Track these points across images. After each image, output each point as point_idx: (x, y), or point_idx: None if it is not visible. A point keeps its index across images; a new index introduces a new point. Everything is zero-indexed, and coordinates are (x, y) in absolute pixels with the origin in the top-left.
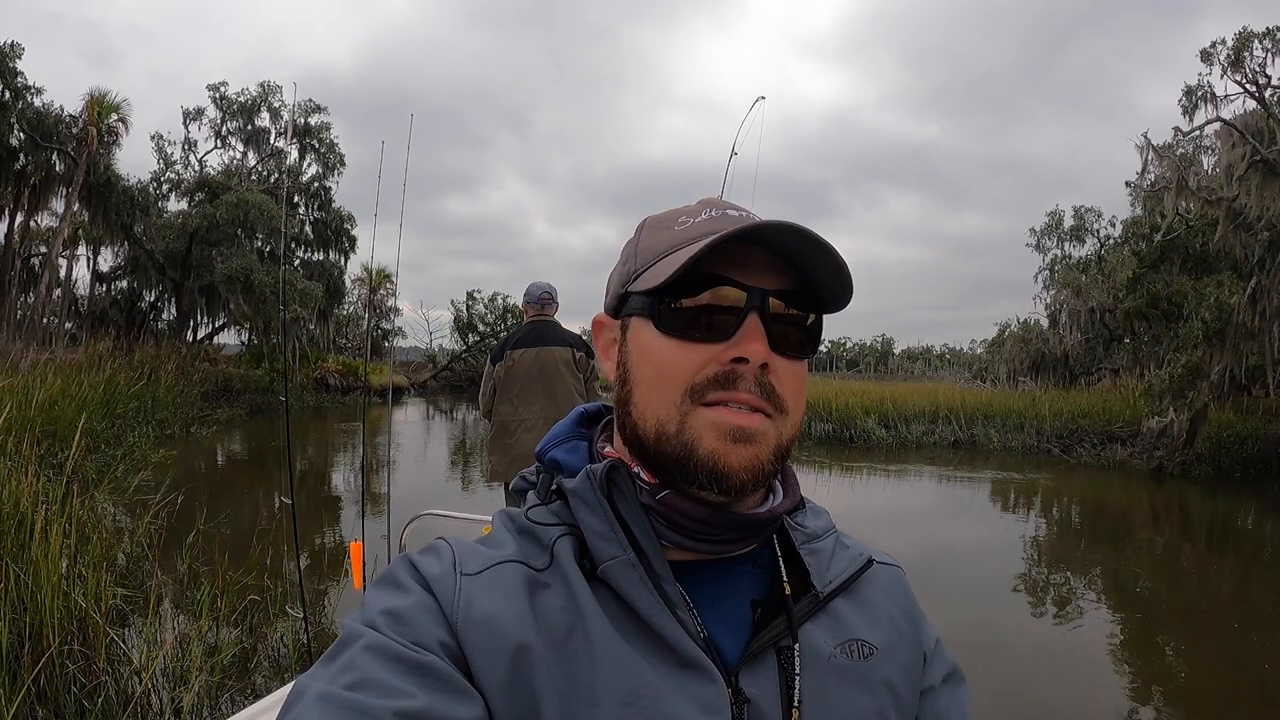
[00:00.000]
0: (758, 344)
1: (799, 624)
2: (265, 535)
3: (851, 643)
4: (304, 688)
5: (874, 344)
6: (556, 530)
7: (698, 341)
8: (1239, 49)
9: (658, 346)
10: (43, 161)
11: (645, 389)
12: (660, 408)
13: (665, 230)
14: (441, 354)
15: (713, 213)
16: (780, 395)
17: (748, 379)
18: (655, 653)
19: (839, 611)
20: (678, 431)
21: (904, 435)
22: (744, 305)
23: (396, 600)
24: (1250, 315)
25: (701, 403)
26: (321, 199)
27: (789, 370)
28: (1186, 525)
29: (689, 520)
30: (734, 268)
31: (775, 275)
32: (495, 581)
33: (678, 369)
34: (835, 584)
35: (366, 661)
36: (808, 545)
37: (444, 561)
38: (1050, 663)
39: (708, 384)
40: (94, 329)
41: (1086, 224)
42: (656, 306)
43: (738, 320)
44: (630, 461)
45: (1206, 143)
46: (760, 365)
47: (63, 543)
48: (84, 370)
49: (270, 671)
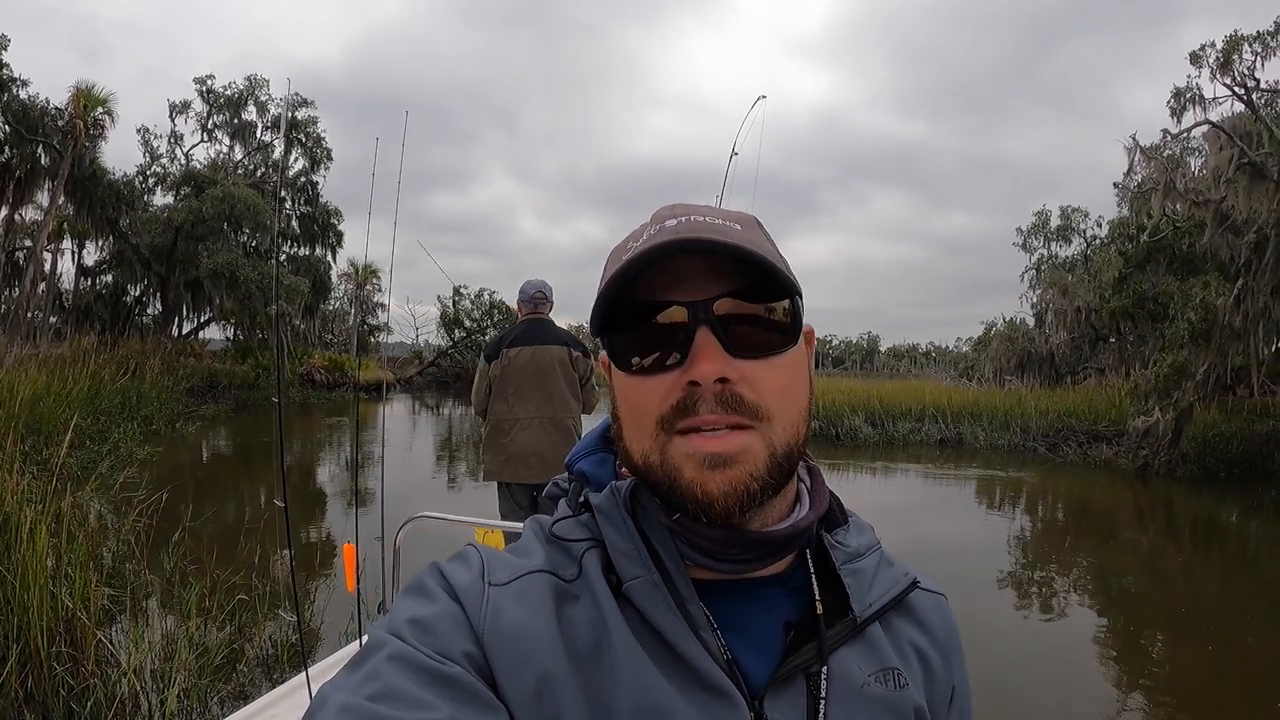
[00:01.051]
0: (706, 362)
1: (832, 649)
2: (253, 534)
3: (888, 671)
4: (327, 696)
5: (860, 341)
6: (585, 543)
7: (657, 372)
8: (1228, 52)
9: (625, 383)
10: (28, 154)
11: (628, 425)
12: (642, 441)
13: (617, 260)
14: (428, 350)
15: (653, 229)
16: (755, 402)
17: (707, 399)
18: (678, 674)
19: (875, 637)
20: (660, 463)
21: (891, 433)
22: (689, 322)
23: (423, 609)
24: (1236, 316)
25: (674, 432)
26: (309, 194)
27: (763, 371)
28: (1171, 524)
29: (706, 541)
30: (677, 282)
31: (723, 276)
32: (524, 592)
33: (645, 404)
34: (875, 608)
35: (390, 671)
36: (849, 565)
37: (472, 570)
38: (1032, 661)
39: (672, 413)
40: (79, 324)
41: (1073, 224)
42: (610, 344)
43: (689, 338)
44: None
45: (1194, 145)
46: (716, 381)
47: (49, 542)
48: (68, 366)
49: (260, 672)
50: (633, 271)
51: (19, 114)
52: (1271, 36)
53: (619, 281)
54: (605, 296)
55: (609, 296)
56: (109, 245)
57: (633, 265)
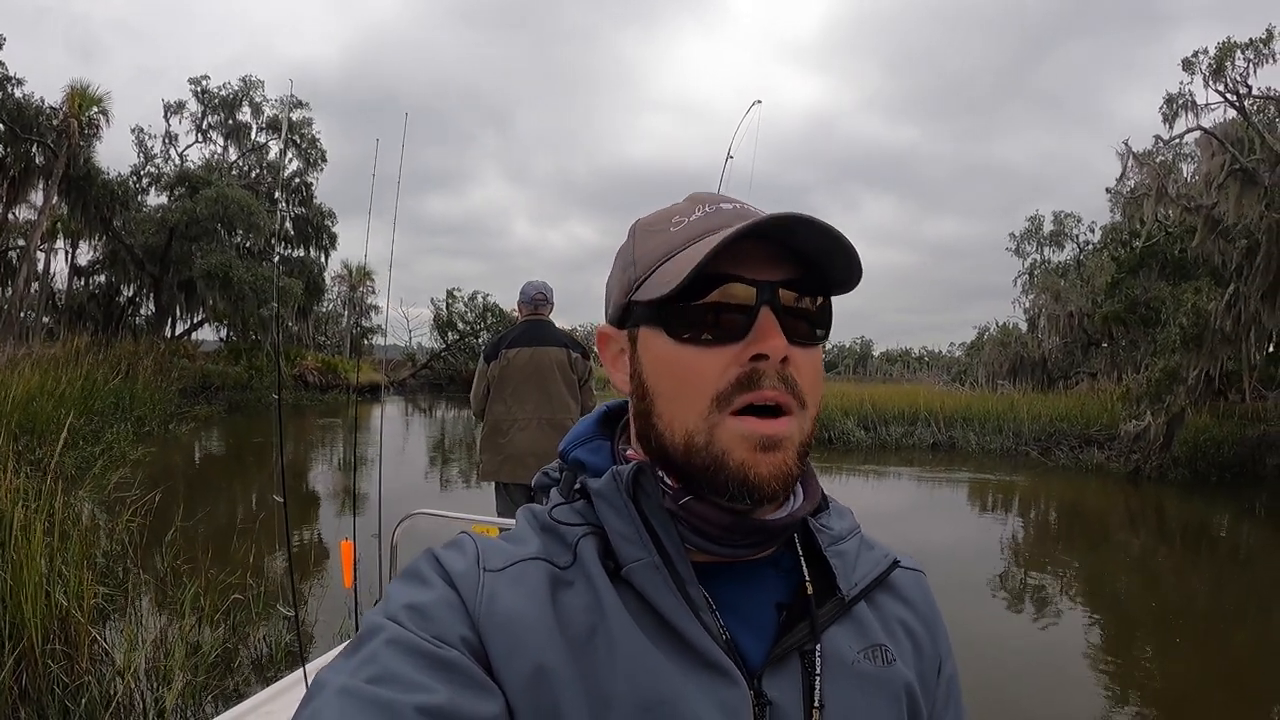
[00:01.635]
0: (775, 339)
1: (823, 627)
2: (246, 534)
3: (875, 648)
4: (325, 680)
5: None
6: (580, 529)
7: (714, 345)
8: (1221, 59)
9: (675, 356)
10: (22, 153)
11: (668, 401)
12: (688, 419)
13: (660, 234)
14: (421, 352)
15: (706, 209)
16: (802, 389)
17: (770, 375)
18: (678, 655)
19: (862, 616)
20: (707, 444)
21: (883, 437)
22: (755, 301)
23: (419, 595)
24: (1227, 321)
25: (730, 411)
26: (302, 195)
27: (806, 359)
28: (1163, 528)
29: (712, 526)
30: (738, 263)
31: (780, 265)
32: (519, 578)
33: (700, 377)
34: (860, 587)
35: (388, 655)
36: (833, 547)
37: (468, 556)
38: (1023, 664)
39: (732, 387)
40: (72, 324)
41: (1066, 229)
42: (667, 314)
43: (750, 318)
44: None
45: (1186, 150)
46: (781, 360)
47: (44, 541)
48: (61, 366)
49: (254, 671)
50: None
51: (14, 112)
52: (1264, 44)
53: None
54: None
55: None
56: (103, 245)
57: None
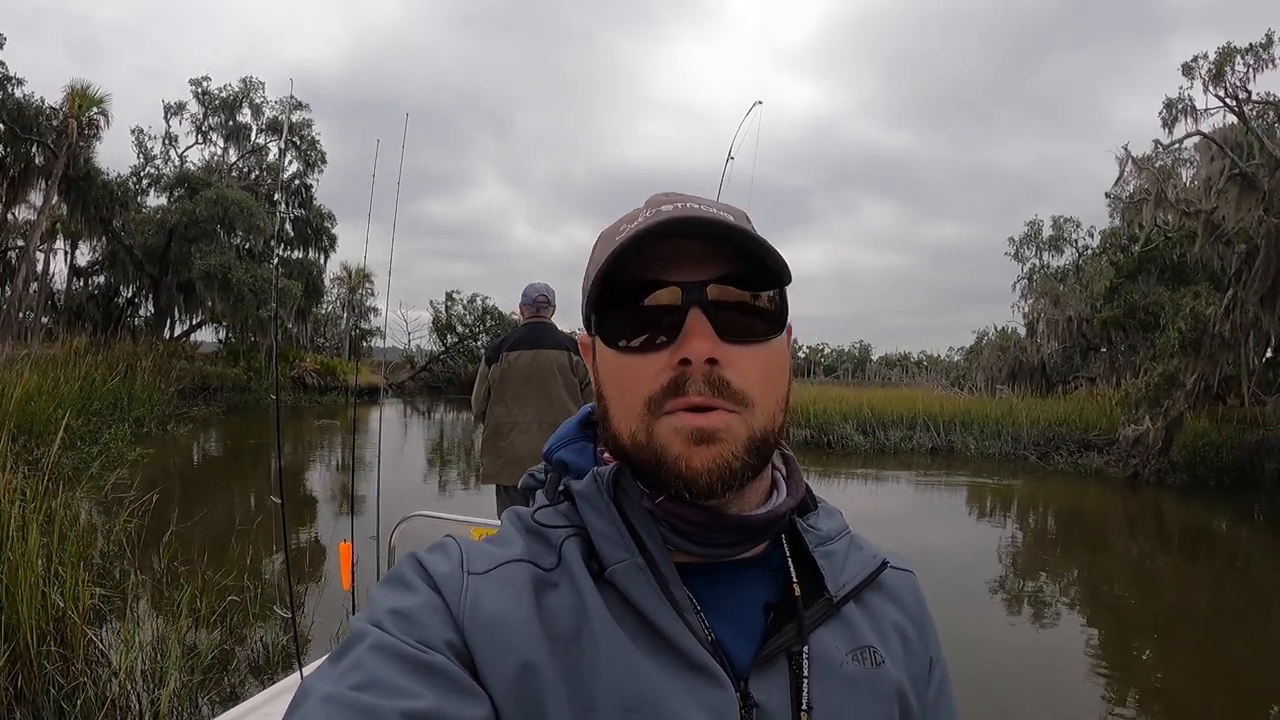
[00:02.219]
0: (698, 341)
1: (811, 629)
2: (243, 536)
3: (863, 649)
4: (310, 688)
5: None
6: (565, 531)
7: (648, 351)
8: (1221, 64)
9: (614, 362)
10: (22, 153)
11: (614, 404)
12: (630, 421)
13: (609, 241)
14: (419, 355)
15: (649, 213)
16: (738, 388)
17: (696, 379)
18: (662, 656)
19: (851, 617)
20: (647, 441)
21: (882, 441)
22: (682, 302)
23: (403, 599)
24: (1226, 326)
25: (662, 413)
26: (302, 196)
27: (748, 357)
28: (1161, 532)
29: (688, 524)
30: (669, 265)
31: (715, 262)
32: (503, 580)
33: (634, 383)
34: (849, 588)
35: (373, 661)
36: (821, 548)
37: (451, 560)
38: (1021, 667)
39: (662, 393)
40: (70, 324)
41: (1065, 234)
42: (602, 322)
43: (680, 319)
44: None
45: (1186, 155)
46: (706, 362)
47: (40, 541)
48: (60, 366)
49: (249, 672)
50: (630, 249)
51: (14, 112)
52: (1264, 49)
53: (617, 257)
54: (601, 272)
55: (604, 271)
56: (102, 246)
57: (633, 240)
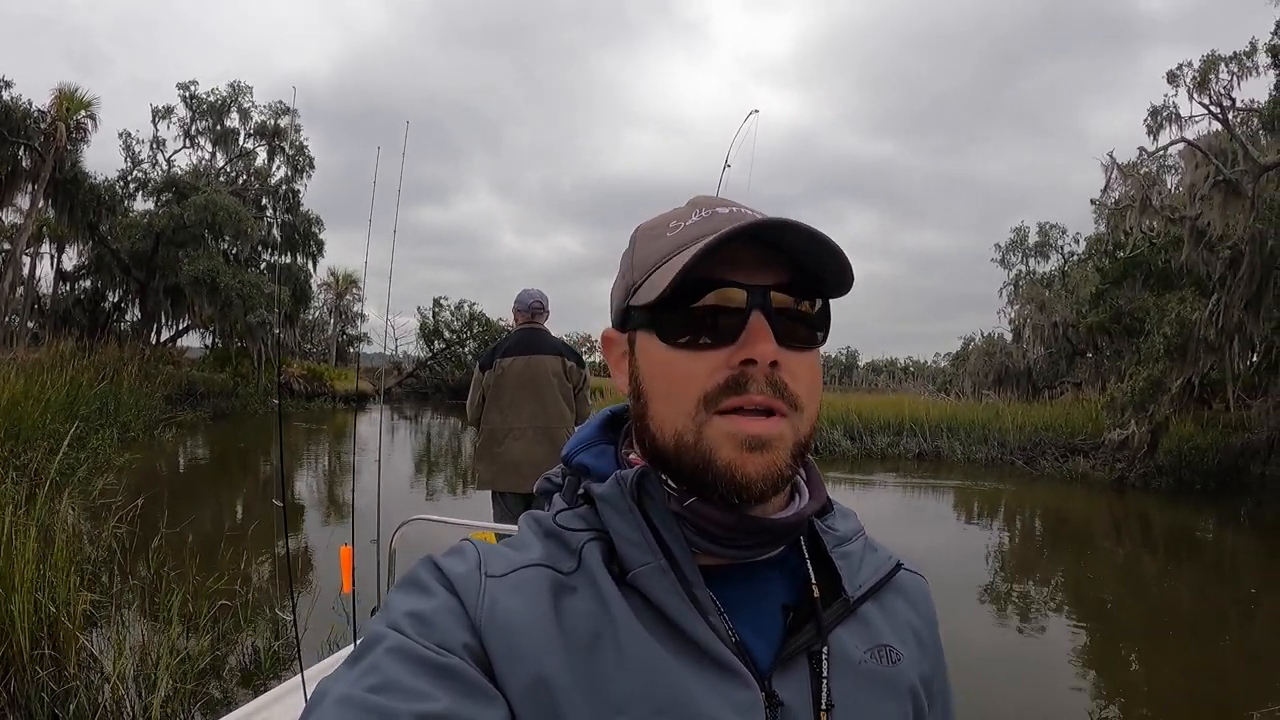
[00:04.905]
0: (765, 343)
1: (829, 628)
2: (233, 541)
3: (880, 648)
4: (326, 690)
5: (839, 356)
6: (585, 535)
7: (704, 349)
8: (1205, 72)
9: (666, 359)
10: (9, 156)
11: (660, 402)
12: (677, 420)
13: (657, 238)
14: (407, 360)
15: (703, 213)
16: (793, 392)
17: (758, 380)
18: (688, 658)
19: (868, 616)
20: (695, 442)
21: (869, 446)
22: (746, 305)
23: (420, 602)
24: (1211, 330)
25: (716, 411)
26: (290, 201)
27: (800, 363)
28: (1147, 535)
29: (716, 527)
30: (731, 267)
31: (774, 269)
32: (520, 584)
33: (689, 379)
34: (865, 588)
35: (389, 664)
36: (839, 549)
37: (468, 563)
38: (1009, 671)
39: (719, 390)
40: (57, 329)
41: (1051, 240)
42: (659, 318)
43: (742, 321)
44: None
45: (1171, 163)
46: (770, 364)
47: (31, 547)
48: (46, 370)
49: (242, 678)
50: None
51: (0, 115)
52: (1248, 56)
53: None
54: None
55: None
56: (89, 250)
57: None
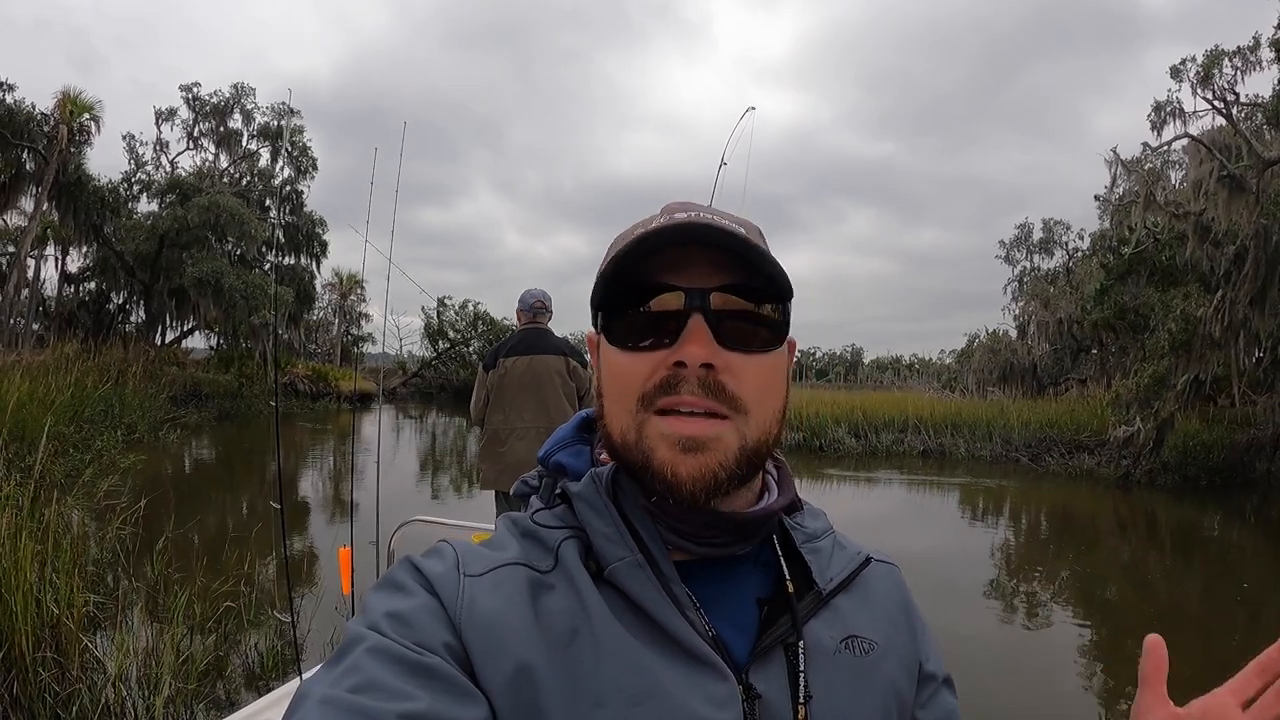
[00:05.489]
0: (695, 345)
1: (803, 621)
2: (237, 543)
3: (854, 639)
4: (307, 691)
5: (844, 354)
6: (561, 533)
7: (644, 350)
8: (1209, 66)
9: (614, 360)
10: (13, 159)
11: (610, 401)
12: (622, 419)
13: (621, 241)
14: (411, 360)
15: (664, 219)
16: (735, 394)
17: (690, 381)
18: (665, 652)
19: (841, 608)
20: (636, 442)
21: (873, 444)
22: (684, 307)
23: (399, 602)
24: (1216, 326)
25: (653, 410)
26: (293, 202)
27: (748, 366)
28: (1153, 532)
29: (685, 524)
30: (674, 271)
31: (720, 271)
32: (498, 583)
33: (630, 379)
34: (836, 581)
35: (370, 664)
36: (808, 544)
37: (447, 562)
38: (1014, 669)
39: (655, 390)
40: (61, 331)
41: (1055, 236)
42: (608, 322)
43: (682, 323)
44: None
45: (1175, 158)
46: (702, 366)
47: (34, 548)
48: (51, 372)
49: (244, 679)
50: (641, 251)
51: (4, 118)
52: (1251, 50)
53: (626, 257)
54: (609, 272)
55: (607, 272)
56: (93, 252)
57: (643, 243)
